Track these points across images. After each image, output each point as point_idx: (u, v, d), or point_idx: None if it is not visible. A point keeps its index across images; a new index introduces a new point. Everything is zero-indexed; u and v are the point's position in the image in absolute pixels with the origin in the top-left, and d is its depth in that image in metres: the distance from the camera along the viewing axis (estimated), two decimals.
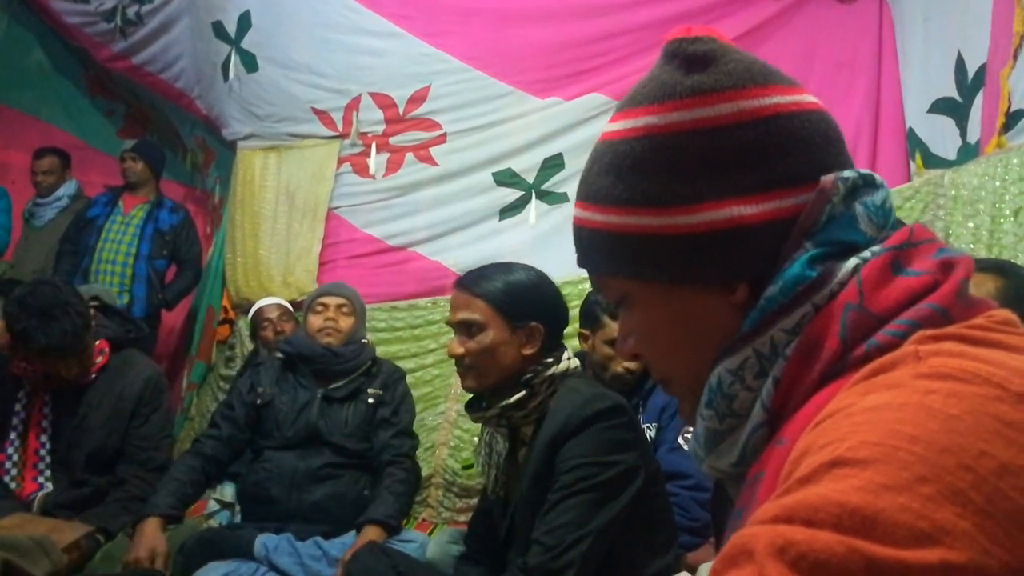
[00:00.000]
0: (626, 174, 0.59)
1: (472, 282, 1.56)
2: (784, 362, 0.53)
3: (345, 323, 2.42)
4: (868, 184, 0.57)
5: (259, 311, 3.40)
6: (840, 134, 0.60)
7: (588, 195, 0.63)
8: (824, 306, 0.53)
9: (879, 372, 0.47)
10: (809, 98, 0.59)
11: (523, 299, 1.53)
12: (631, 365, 2.07)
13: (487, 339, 1.51)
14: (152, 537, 1.90)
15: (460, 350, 1.52)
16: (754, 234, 0.56)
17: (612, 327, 2.08)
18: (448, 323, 1.61)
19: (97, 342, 2.22)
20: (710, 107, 0.56)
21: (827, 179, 0.55)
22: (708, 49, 0.58)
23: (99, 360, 2.21)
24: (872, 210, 0.56)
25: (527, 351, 1.52)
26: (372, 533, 2.00)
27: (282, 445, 2.24)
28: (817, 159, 0.57)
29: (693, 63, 0.58)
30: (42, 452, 2.14)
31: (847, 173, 0.56)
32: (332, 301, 2.46)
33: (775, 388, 0.54)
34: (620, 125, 0.60)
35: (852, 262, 0.53)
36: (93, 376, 2.20)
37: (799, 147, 0.56)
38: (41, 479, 2.12)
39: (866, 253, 0.54)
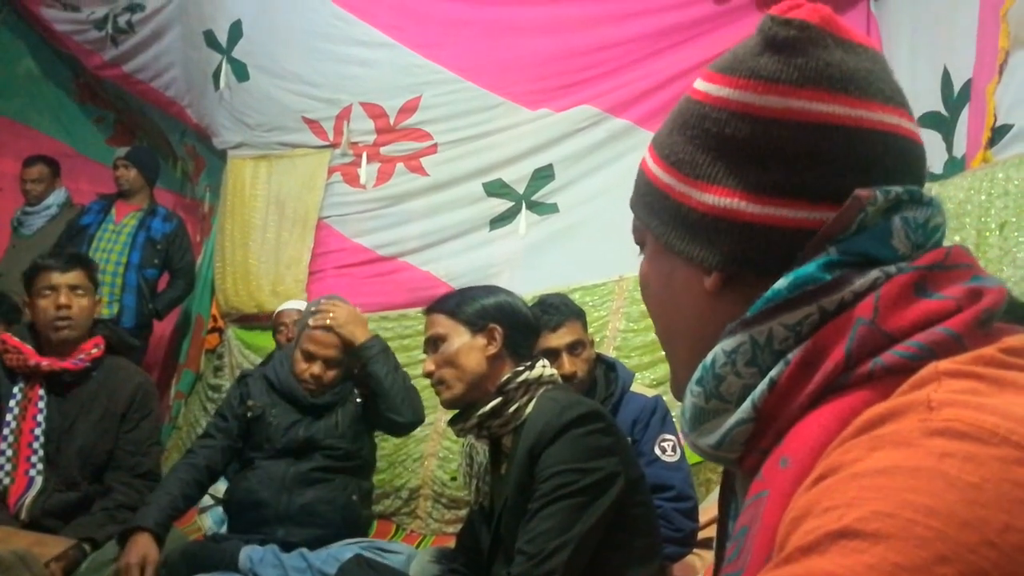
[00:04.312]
0: (677, 132, 0.60)
1: (432, 304, 1.68)
2: (785, 366, 0.51)
3: (331, 376, 2.32)
4: (915, 201, 0.54)
5: (279, 314, 3.43)
6: (918, 169, 0.56)
7: (654, 137, 0.64)
8: (835, 316, 0.50)
9: (886, 420, 0.43)
10: (893, 119, 0.55)
11: (475, 303, 1.62)
12: (569, 369, 2.03)
13: (450, 347, 1.59)
14: (143, 545, 1.92)
15: (430, 366, 1.61)
16: (751, 233, 0.54)
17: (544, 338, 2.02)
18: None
19: (94, 338, 2.26)
20: (759, 95, 0.54)
21: (864, 191, 0.52)
22: (791, 36, 0.55)
23: (94, 352, 2.22)
24: (911, 226, 0.53)
25: (490, 351, 1.58)
26: None
27: (272, 456, 2.24)
28: (861, 182, 0.52)
29: (771, 44, 0.55)
30: (35, 445, 2.14)
31: (891, 188, 0.53)
32: (322, 353, 2.30)
33: (770, 391, 0.51)
34: (698, 82, 0.60)
35: (872, 274, 0.50)
36: (86, 367, 2.20)
37: (838, 164, 0.53)
38: (33, 472, 2.12)
39: (891, 268, 0.51)
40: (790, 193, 0.54)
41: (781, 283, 0.52)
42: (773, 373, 0.51)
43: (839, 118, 0.53)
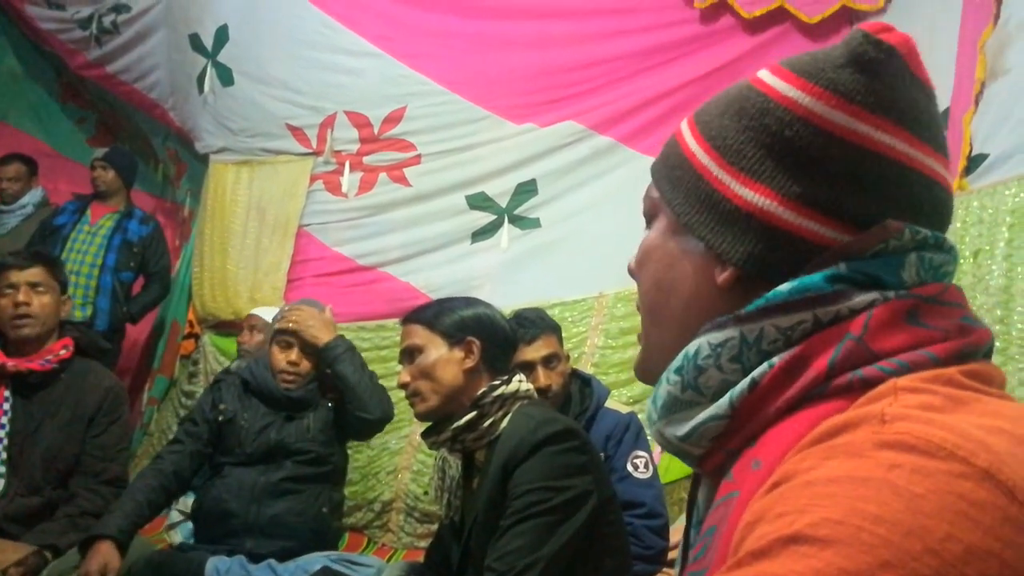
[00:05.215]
0: (730, 117, 0.58)
1: (410, 314, 1.66)
2: (768, 368, 0.51)
3: (307, 366, 2.36)
4: (938, 247, 0.55)
5: (247, 316, 3.36)
6: (946, 220, 0.57)
7: (698, 113, 0.63)
8: (828, 327, 0.51)
9: (841, 431, 0.45)
10: (938, 167, 0.56)
11: (454, 315, 1.60)
12: (544, 382, 2.04)
13: (427, 359, 1.57)
14: (105, 553, 1.88)
15: (406, 378, 1.59)
16: (780, 238, 0.55)
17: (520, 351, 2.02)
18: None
19: (63, 339, 2.21)
20: (829, 108, 0.54)
21: (896, 223, 0.53)
22: (879, 59, 0.54)
23: (62, 353, 2.18)
24: (925, 265, 0.53)
25: (467, 365, 1.56)
26: None
27: (243, 461, 2.23)
28: (896, 218, 0.53)
29: (856, 60, 0.54)
30: None
31: (920, 228, 0.54)
32: (297, 341, 2.36)
33: (750, 391, 0.52)
34: (765, 74, 0.59)
35: (872, 295, 0.51)
36: (53, 369, 2.16)
37: (880, 196, 0.54)
38: None
39: (889, 293, 0.51)
40: (826, 210, 0.54)
41: (784, 286, 0.53)
42: (755, 373, 0.52)
43: (897, 153, 0.54)
